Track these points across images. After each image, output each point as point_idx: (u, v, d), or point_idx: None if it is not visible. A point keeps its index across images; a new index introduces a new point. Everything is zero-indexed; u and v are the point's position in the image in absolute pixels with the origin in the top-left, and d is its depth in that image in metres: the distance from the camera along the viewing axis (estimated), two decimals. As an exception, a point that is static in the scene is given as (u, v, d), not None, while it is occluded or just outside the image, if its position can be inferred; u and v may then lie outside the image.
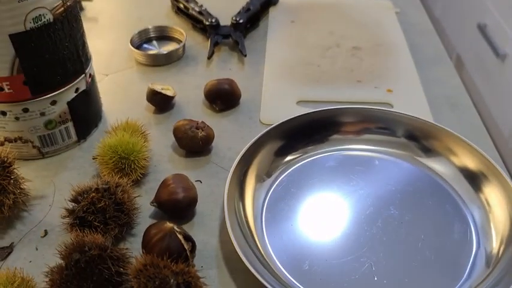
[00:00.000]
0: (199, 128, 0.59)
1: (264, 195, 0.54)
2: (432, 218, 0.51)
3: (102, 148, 0.55)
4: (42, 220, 0.53)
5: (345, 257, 0.48)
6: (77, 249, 0.44)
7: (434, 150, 0.57)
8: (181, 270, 0.42)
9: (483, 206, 0.51)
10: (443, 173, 0.56)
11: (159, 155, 0.60)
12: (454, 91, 0.69)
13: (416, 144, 0.58)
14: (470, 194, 0.53)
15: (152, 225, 0.48)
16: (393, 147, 0.59)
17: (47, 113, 0.57)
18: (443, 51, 0.78)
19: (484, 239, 0.49)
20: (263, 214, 0.52)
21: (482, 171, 0.53)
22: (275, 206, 0.53)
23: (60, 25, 0.54)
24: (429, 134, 0.58)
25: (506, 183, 0.50)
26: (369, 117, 0.60)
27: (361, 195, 0.54)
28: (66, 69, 0.56)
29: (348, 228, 0.51)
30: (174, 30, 0.78)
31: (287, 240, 0.50)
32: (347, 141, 0.59)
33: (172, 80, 0.72)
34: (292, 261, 0.48)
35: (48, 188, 0.57)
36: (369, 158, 0.58)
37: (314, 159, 0.58)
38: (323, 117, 0.59)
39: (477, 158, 0.54)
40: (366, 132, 0.60)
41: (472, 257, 0.47)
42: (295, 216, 0.52)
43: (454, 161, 0.55)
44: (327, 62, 0.73)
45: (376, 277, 0.46)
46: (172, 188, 0.51)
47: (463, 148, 0.55)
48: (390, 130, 0.59)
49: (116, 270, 0.43)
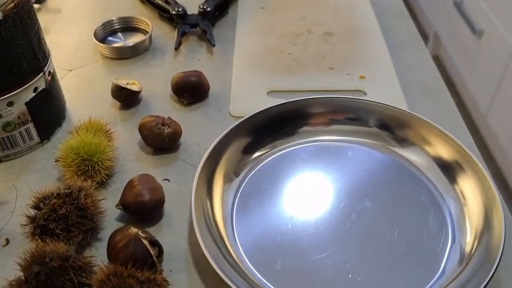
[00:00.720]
0: (166, 124, 0.56)
1: (233, 194, 0.52)
2: (407, 211, 0.50)
3: (64, 150, 0.53)
4: (3, 228, 0.51)
5: (318, 254, 0.47)
6: (37, 260, 0.42)
7: (408, 139, 0.56)
8: (146, 279, 0.41)
9: (458, 198, 0.50)
10: (418, 162, 0.54)
11: (125, 154, 0.58)
12: (428, 75, 0.68)
13: (388, 133, 0.57)
14: (445, 185, 0.52)
15: (117, 231, 0.46)
16: (366, 137, 0.57)
17: (4, 115, 0.54)
18: (416, 34, 0.76)
19: (459, 233, 0.48)
20: (233, 213, 0.50)
21: (457, 160, 0.52)
22: (246, 204, 0.51)
23: (12, 22, 0.51)
24: (402, 122, 0.56)
25: (480, 173, 0.49)
26: (339, 107, 0.58)
27: (335, 188, 0.53)
28: (22, 68, 0.53)
29: (321, 223, 0.49)
30: (140, 21, 0.75)
31: (259, 238, 0.48)
32: (318, 133, 0.58)
33: (139, 73, 0.70)
34: (264, 261, 0.46)
35: (10, 193, 0.54)
36: (341, 149, 0.57)
37: (284, 153, 0.56)
38: (292, 109, 0.57)
39: (452, 147, 0.53)
40: (337, 123, 0.58)
41: (447, 252, 0.46)
42: (267, 213, 0.50)
43: (428, 151, 0.54)
44: (298, 50, 0.71)
45: (350, 274, 0.45)
46: (137, 190, 0.49)
47: (437, 137, 0.54)
48: (362, 120, 0.58)
49: (79, 281, 0.41)
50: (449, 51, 2.20)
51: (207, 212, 0.48)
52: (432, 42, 2.41)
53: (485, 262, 0.42)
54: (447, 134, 0.53)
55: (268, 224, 0.49)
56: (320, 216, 0.50)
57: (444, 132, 0.53)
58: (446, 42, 2.24)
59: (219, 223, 0.48)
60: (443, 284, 0.43)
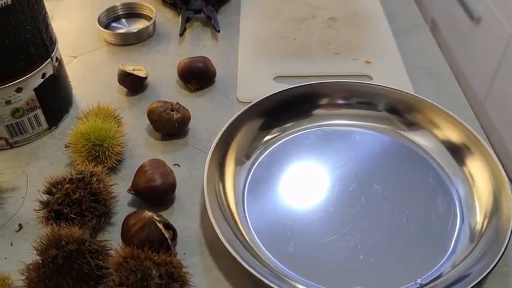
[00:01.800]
0: (175, 109, 0.57)
1: (244, 177, 0.52)
2: (416, 193, 0.51)
3: (74, 136, 0.53)
4: (16, 214, 0.51)
5: (329, 236, 0.47)
6: (54, 244, 0.42)
7: (417, 123, 0.56)
8: (163, 261, 0.41)
9: (467, 179, 0.51)
10: (426, 146, 0.55)
11: (134, 139, 0.58)
12: (433, 60, 0.68)
13: (398, 117, 0.57)
14: (453, 168, 0.52)
15: (130, 215, 0.46)
16: (374, 122, 0.58)
17: (12, 101, 0.54)
18: (420, 18, 0.76)
19: (467, 213, 0.48)
20: (245, 197, 0.51)
21: (465, 143, 0.52)
22: (256, 187, 0.52)
23: (20, 7, 0.50)
24: (411, 106, 0.57)
25: (489, 156, 0.50)
26: (348, 91, 0.58)
27: (344, 172, 0.53)
28: (30, 54, 0.53)
29: (331, 206, 0.50)
30: (144, 6, 0.75)
31: (270, 222, 0.49)
32: (327, 117, 0.58)
33: (144, 59, 0.70)
34: (277, 243, 0.47)
35: (20, 180, 0.54)
36: (350, 133, 0.57)
37: (294, 137, 0.57)
38: (301, 94, 0.58)
39: (460, 130, 0.53)
40: (346, 107, 0.59)
41: (457, 231, 0.47)
42: (278, 197, 0.51)
43: (437, 134, 0.55)
44: (303, 35, 0.71)
45: (361, 255, 0.46)
46: (149, 175, 0.50)
47: (445, 120, 0.54)
48: (371, 104, 0.58)
49: (96, 264, 0.42)
50: (447, 37, 2.20)
51: (220, 196, 0.49)
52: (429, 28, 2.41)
53: (496, 241, 0.43)
54: (455, 117, 0.54)
55: (279, 208, 0.50)
56: (330, 199, 0.50)
57: (452, 115, 0.54)
58: (444, 29, 2.24)
59: (231, 206, 0.49)
60: (456, 261, 0.44)
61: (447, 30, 2.19)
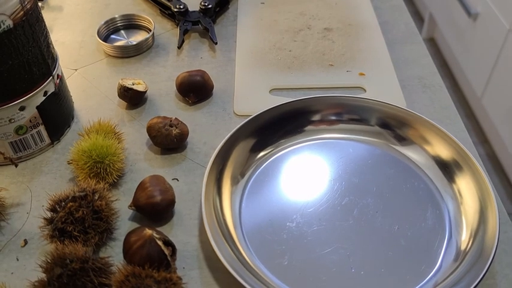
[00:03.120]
0: (173, 125, 0.58)
1: (240, 193, 0.54)
2: (407, 207, 0.53)
3: (76, 153, 0.54)
4: (21, 229, 0.53)
5: (323, 249, 0.49)
6: (58, 262, 0.44)
7: (408, 138, 0.58)
8: (163, 278, 0.43)
9: (455, 196, 0.53)
10: (417, 161, 0.57)
11: (134, 154, 0.60)
12: (426, 71, 0.70)
13: (390, 132, 0.59)
14: (443, 184, 0.54)
15: (131, 232, 0.48)
16: (367, 136, 0.59)
17: (16, 119, 0.55)
18: (414, 28, 0.78)
19: (455, 230, 0.50)
20: (241, 212, 0.53)
21: (455, 159, 0.54)
22: (252, 202, 0.54)
23: (22, 30, 0.52)
24: (403, 121, 0.58)
25: (478, 172, 0.51)
26: (341, 106, 0.60)
27: (337, 185, 0.55)
28: (32, 73, 0.55)
29: (325, 220, 0.52)
30: (142, 18, 0.76)
31: (266, 236, 0.51)
32: (320, 131, 0.60)
33: (143, 72, 0.71)
34: (272, 257, 0.49)
35: (25, 195, 0.56)
36: (342, 146, 0.59)
37: (287, 152, 0.59)
38: (295, 109, 0.60)
39: (450, 146, 0.55)
40: (340, 122, 0.60)
41: (444, 247, 0.49)
42: (273, 211, 0.53)
43: (427, 150, 0.57)
44: (299, 46, 0.73)
45: (353, 268, 0.48)
46: (149, 191, 0.51)
47: (436, 136, 0.56)
48: (364, 119, 0.60)
49: (99, 282, 0.44)
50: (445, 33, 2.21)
51: (217, 213, 0.51)
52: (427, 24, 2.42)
53: (480, 258, 0.45)
54: (446, 133, 0.55)
55: (274, 222, 0.52)
56: (324, 213, 0.52)
57: (443, 131, 0.55)
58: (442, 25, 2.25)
59: (228, 222, 0.51)
60: (440, 279, 0.46)
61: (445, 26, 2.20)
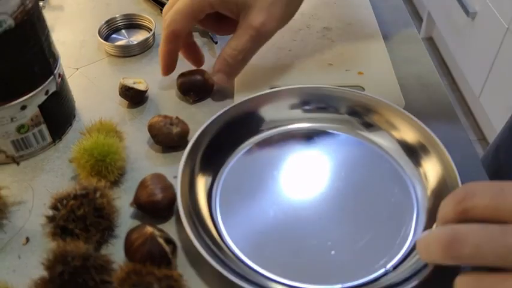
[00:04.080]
0: (174, 124, 0.59)
1: (215, 190, 0.56)
2: (375, 188, 0.55)
3: (77, 151, 0.55)
4: (23, 227, 0.53)
5: (301, 236, 0.51)
6: (60, 260, 0.44)
7: (375, 124, 0.60)
8: (164, 275, 0.44)
9: (421, 179, 0.55)
10: (384, 145, 0.59)
11: (135, 153, 0.60)
12: (424, 70, 0.70)
13: (358, 119, 0.61)
14: (410, 167, 0.56)
15: (133, 230, 0.48)
16: (337, 123, 0.61)
17: (17, 118, 0.56)
18: (413, 27, 0.78)
19: (422, 209, 0.53)
20: (217, 210, 0.54)
21: (421, 143, 0.56)
22: (228, 199, 0.55)
23: (23, 29, 0.52)
24: (369, 108, 0.60)
25: (444, 156, 0.53)
26: (309, 96, 0.62)
27: (308, 174, 0.56)
28: (34, 73, 0.55)
29: (300, 209, 0.53)
30: (143, 17, 0.77)
31: (246, 231, 0.52)
32: (290, 121, 0.62)
33: (144, 71, 0.72)
34: (254, 249, 0.50)
35: (26, 193, 0.57)
36: (312, 136, 0.61)
37: (257, 145, 0.60)
38: (261, 102, 0.61)
39: (416, 130, 0.57)
40: (309, 111, 0.62)
41: (414, 222, 0.52)
42: (249, 206, 0.54)
43: (394, 135, 0.59)
44: (298, 46, 0.73)
45: (333, 251, 0.50)
46: (150, 190, 0.52)
47: (402, 120, 0.58)
48: (333, 107, 0.62)
49: (101, 279, 0.44)
50: (443, 32, 2.21)
51: (193, 210, 0.52)
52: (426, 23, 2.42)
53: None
54: (411, 117, 0.57)
55: (252, 216, 0.53)
56: (298, 202, 0.54)
57: (409, 115, 0.57)
58: (440, 24, 2.25)
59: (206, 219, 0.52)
60: None
61: (443, 25, 2.20)
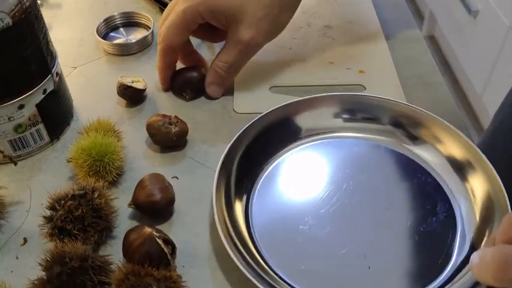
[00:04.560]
0: (173, 123, 0.58)
1: (248, 198, 0.54)
2: (417, 203, 0.52)
3: (75, 151, 0.54)
4: (21, 227, 0.53)
5: (339, 250, 0.49)
6: (58, 260, 0.44)
7: (421, 137, 0.57)
8: (162, 277, 0.43)
9: (468, 195, 0.52)
10: (429, 160, 0.56)
11: (134, 152, 0.60)
12: (426, 68, 0.70)
13: (402, 131, 0.58)
14: (456, 182, 0.54)
15: (131, 231, 0.48)
16: (379, 135, 0.59)
17: (15, 118, 0.55)
18: (415, 26, 0.78)
19: (468, 228, 0.50)
20: (252, 217, 0.52)
21: (468, 159, 0.53)
22: (262, 207, 0.53)
23: (20, 27, 0.52)
24: (416, 120, 0.58)
25: (491, 174, 0.50)
26: (350, 104, 0.60)
27: (347, 185, 0.54)
28: (31, 71, 0.55)
29: (337, 219, 0.51)
30: (141, 16, 0.76)
31: (279, 241, 0.50)
32: (331, 130, 0.59)
33: (143, 69, 0.71)
34: (287, 262, 0.48)
35: (24, 193, 0.56)
36: (354, 146, 0.58)
37: (292, 153, 0.58)
38: (300, 108, 0.59)
39: (463, 146, 0.54)
40: (351, 121, 0.60)
41: (458, 244, 0.49)
42: (284, 215, 0.52)
43: (440, 149, 0.56)
44: (299, 44, 0.73)
45: (370, 267, 0.47)
46: (148, 190, 0.51)
47: (449, 135, 0.55)
48: (375, 118, 0.59)
49: (99, 280, 0.44)
50: (445, 31, 2.20)
51: (228, 218, 0.50)
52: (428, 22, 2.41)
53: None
54: (459, 133, 0.54)
55: (287, 226, 0.51)
56: (335, 213, 0.52)
57: (456, 131, 0.55)
58: (442, 22, 2.24)
59: (241, 228, 0.50)
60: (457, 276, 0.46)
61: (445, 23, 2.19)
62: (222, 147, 0.55)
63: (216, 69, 0.63)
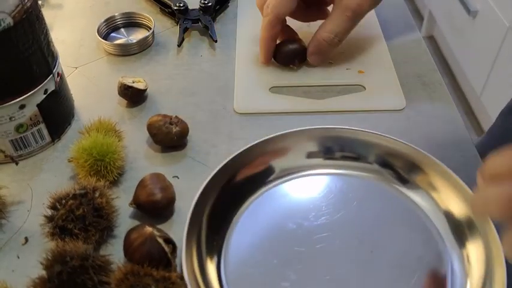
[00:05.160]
0: (173, 123, 0.58)
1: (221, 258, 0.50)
2: (405, 249, 0.49)
3: (76, 151, 0.55)
4: (22, 227, 0.53)
5: None
6: (59, 259, 0.44)
7: (414, 182, 0.52)
8: (162, 277, 0.43)
9: (463, 260, 0.47)
10: (423, 205, 0.51)
11: (134, 152, 0.60)
12: (425, 69, 0.70)
13: (391, 172, 0.54)
14: (450, 239, 0.49)
15: (132, 230, 0.48)
16: (366, 172, 0.55)
17: (16, 118, 0.56)
18: (414, 26, 0.78)
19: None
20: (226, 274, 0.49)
21: (470, 218, 0.48)
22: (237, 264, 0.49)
23: (22, 28, 0.52)
24: (411, 161, 0.52)
25: (494, 240, 0.45)
26: (332, 140, 0.56)
27: (331, 225, 0.51)
28: (32, 71, 0.55)
29: (319, 266, 0.48)
30: (142, 16, 0.76)
31: None
32: (312, 167, 0.56)
33: (143, 70, 0.71)
34: None
35: (25, 193, 0.56)
36: (338, 184, 0.54)
37: (276, 191, 0.55)
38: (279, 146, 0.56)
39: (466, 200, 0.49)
40: (332, 159, 0.55)
41: None
42: (266, 266, 0.49)
43: (437, 200, 0.51)
44: (299, 44, 0.73)
45: None
46: (149, 189, 0.52)
47: (448, 183, 0.50)
48: (360, 156, 0.55)
49: (99, 280, 0.44)
50: (444, 31, 2.21)
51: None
52: (427, 22, 2.41)
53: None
54: (465, 187, 0.49)
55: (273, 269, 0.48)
56: (318, 261, 0.49)
57: (462, 184, 0.49)
58: (441, 23, 2.24)
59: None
60: None
61: (444, 23, 2.20)
62: (222, 147, 0.55)
63: (321, 40, 0.65)
